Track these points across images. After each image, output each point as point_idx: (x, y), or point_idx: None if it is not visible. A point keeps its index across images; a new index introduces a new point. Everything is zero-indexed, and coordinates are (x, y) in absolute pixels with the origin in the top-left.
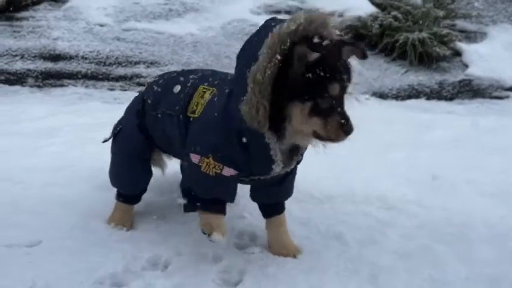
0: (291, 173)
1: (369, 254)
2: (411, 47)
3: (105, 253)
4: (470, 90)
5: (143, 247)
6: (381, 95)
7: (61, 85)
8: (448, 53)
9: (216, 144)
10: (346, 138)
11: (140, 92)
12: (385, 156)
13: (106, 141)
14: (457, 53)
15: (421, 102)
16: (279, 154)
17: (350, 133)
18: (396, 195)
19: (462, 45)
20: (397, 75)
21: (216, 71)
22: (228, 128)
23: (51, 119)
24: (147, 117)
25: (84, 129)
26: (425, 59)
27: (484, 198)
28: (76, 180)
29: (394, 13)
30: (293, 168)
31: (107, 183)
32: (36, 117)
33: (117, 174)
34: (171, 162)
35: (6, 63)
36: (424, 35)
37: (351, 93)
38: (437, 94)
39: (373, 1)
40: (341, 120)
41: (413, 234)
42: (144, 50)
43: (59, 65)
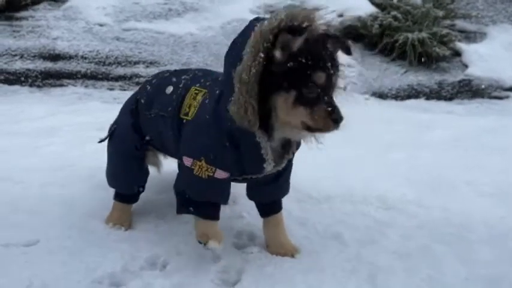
0: (286, 170)
1: (368, 254)
2: (411, 47)
3: (104, 253)
4: (470, 90)
5: (142, 247)
6: (381, 95)
7: (60, 85)
8: (447, 53)
9: (208, 147)
10: (336, 127)
11: (134, 92)
12: (384, 156)
13: (102, 141)
14: (457, 53)
15: (421, 102)
16: (270, 153)
17: (339, 122)
18: (395, 195)
19: (462, 46)
20: (397, 75)
21: (208, 71)
22: (220, 129)
23: (50, 118)
24: (141, 117)
25: (83, 129)
26: (424, 59)
27: (484, 198)
28: (75, 180)
29: (393, 13)
30: (287, 165)
31: (105, 183)
32: (35, 117)
33: (113, 174)
34: (168, 161)
35: (5, 63)
36: (423, 35)
37: (341, 88)
38: (437, 94)
39: (372, 1)
40: (328, 109)
41: (412, 235)
42: (144, 49)
43: (59, 65)
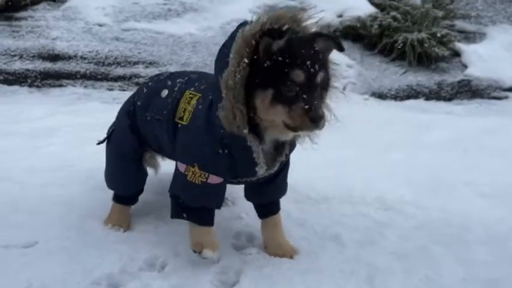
0: (283, 171)
1: (366, 254)
2: (410, 47)
3: (102, 254)
4: (469, 90)
5: (140, 248)
6: (380, 96)
7: (60, 85)
8: (447, 53)
9: (201, 154)
10: (315, 126)
11: (132, 94)
12: (383, 157)
13: (100, 143)
14: (456, 54)
15: (420, 102)
16: (262, 156)
17: (317, 121)
18: (394, 196)
19: (461, 46)
20: (396, 76)
21: (204, 74)
22: (212, 136)
23: (49, 119)
24: (138, 119)
25: (82, 129)
26: (424, 60)
27: (483, 199)
28: (74, 181)
29: (393, 13)
30: (284, 166)
31: (104, 184)
32: (34, 117)
33: (112, 175)
34: (165, 163)
35: (4, 63)
36: (423, 35)
37: (337, 87)
38: (436, 94)
39: (372, 1)
40: (305, 107)
41: (411, 235)
42: (143, 50)
43: (58, 65)
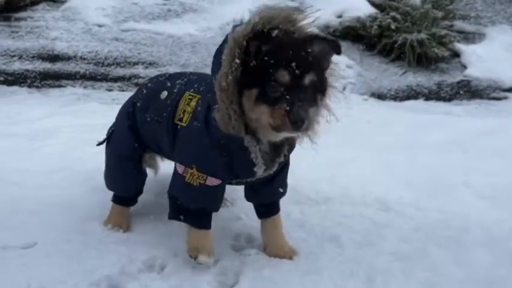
0: (282, 171)
1: (365, 256)
2: (410, 47)
3: (101, 255)
4: (469, 91)
5: (139, 249)
6: (379, 96)
7: (59, 86)
8: (446, 54)
9: (199, 155)
10: (295, 128)
11: (131, 95)
12: (383, 158)
13: (100, 144)
14: (456, 54)
15: (420, 103)
16: (260, 157)
17: (297, 122)
18: (393, 197)
19: (461, 46)
20: (396, 76)
21: (203, 75)
22: (211, 138)
23: (49, 119)
24: (138, 119)
25: (82, 130)
26: (423, 60)
27: (482, 200)
28: (73, 182)
29: (392, 14)
30: (284, 166)
31: (103, 185)
32: (34, 118)
33: (111, 176)
34: (165, 164)
35: (4, 64)
36: (422, 36)
37: (335, 87)
38: (436, 95)
39: (372, 2)
40: (286, 108)
41: (410, 237)
42: (143, 50)
43: (57, 66)
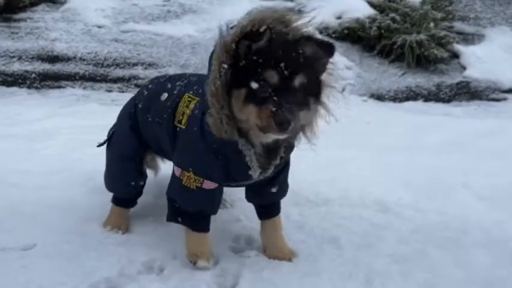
0: (283, 172)
1: (364, 257)
2: (409, 49)
3: (101, 257)
4: (468, 92)
5: (139, 251)
6: (379, 97)
7: (59, 86)
8: (445, 55)
9: (196, 159)
10: (281, 130)
11: (132, 96)
12: (382, 159)
13: (101, 145)
14: (455, 55)
15: (419, 104)
16: (255, 160)
17: (283, 124)
18: (392, 198)
19: (460, 47)
20: (395, 77)
21: (203, 77)
22: (206, 142)
23: (48, 120)
24: (140, 120)
25: (81, 131)
26: (423, 61)
27: (481, 202)
28: (72, 183)
29: (392, 15)
30: (284, 167)
31: (103, 186)
32: (33, 119)
33: (111, 177)
34: (166, 165)
35: (3, 65)
36: (422, 37)
37: (334, 87)
38: (435, 96)
39: (371, 3)
40: (273, 109)
41: (409, 238)
42: (142, 51)
43: (57, 67)
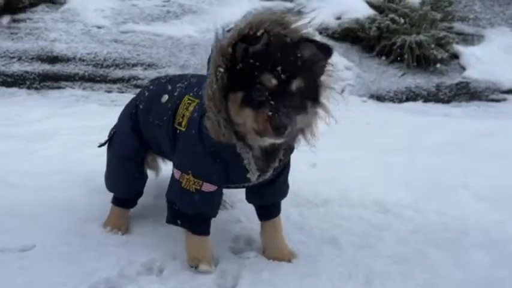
0: (283, 173)
1: (364, 258)
2: (409, 49)
3: (100, 258)
4: (468, 93)
5: (138, 251)
6: (378, 98)
7: (58, 87)
8: (445, 55)
9: (195, 162)
10: (277, 135)
11: (133, 97)
12: (381, 159)
13: (102, 145)
14: (455, 56)
15: (418, 104)
16: (253, 163)
17: (279, 129)
18: (392, 199)
19: (459, 48)
20: (395, 78)
21: (203, 78)
22: (204, 145)
23: (48, 121)
24: (141, 121)
25: (81, 132)
26: (422, 62)
27: (480, 202)
28: (72, 184)
29: (391, 15)
30: (284, 168)
31: (102, 187)
32: (33, 119)
33: (112, 178)
34: (166, 166)
35: (3, 65)
36: (421, 37)
37: (333, 88)
38: (435, 97)
39: (370, 3)
40: (269, 113)
41: (408, 239)
42: (142, 52)
43: (57, 67)
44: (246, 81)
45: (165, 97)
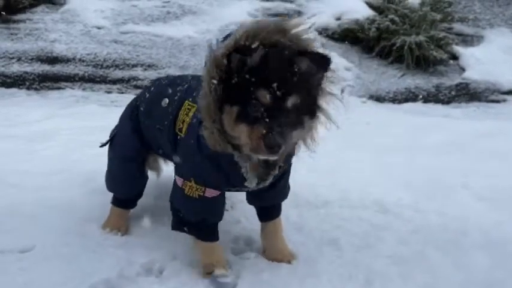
0: (284, 175)
1: (364, 259)
2: (408, 50)
3: (100, 258)
4: (467, 93)
5: (138, 252)
6: (378, 98)
7: (58, 88)
8: (445, 56)
9: (196, 168)
10: (270, 153)
11: (134, 98)
12: (381, 160)
13: (103, 145)
14: (454, 57)
15: (418, 105)
16: (250, 171)
17: (272, 147)
18: (392, 199)
19: (459, 49)
20: (394, 79)
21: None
22: (202, 154)
23: (47, 122)
24: (142, 122)
25: (80, 132)
26: (422, 63)
27: (480, 203)
28: (72, 184)
29: (391, 16)
30: (285, 171)
31: (102, 188)
32: (32, 120)
33: (113, 178)
34: (166, 167)
35: (3, 66)
36: (421, 38)
37: (334, 94)
38: (434, 97)
39: (370, 4)
40: (263, 131)
41: (408, 239)
42: (142, 52)
43: (56, 68)
44: (241, 96)
45: (166, 101)
